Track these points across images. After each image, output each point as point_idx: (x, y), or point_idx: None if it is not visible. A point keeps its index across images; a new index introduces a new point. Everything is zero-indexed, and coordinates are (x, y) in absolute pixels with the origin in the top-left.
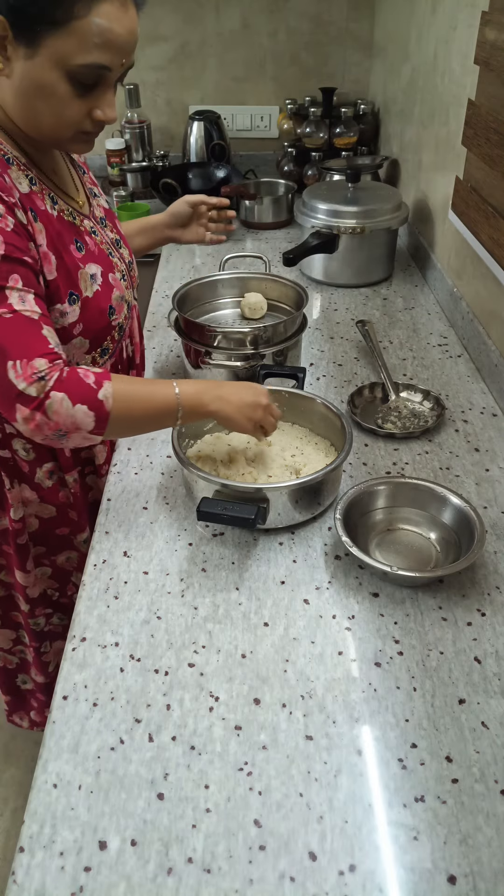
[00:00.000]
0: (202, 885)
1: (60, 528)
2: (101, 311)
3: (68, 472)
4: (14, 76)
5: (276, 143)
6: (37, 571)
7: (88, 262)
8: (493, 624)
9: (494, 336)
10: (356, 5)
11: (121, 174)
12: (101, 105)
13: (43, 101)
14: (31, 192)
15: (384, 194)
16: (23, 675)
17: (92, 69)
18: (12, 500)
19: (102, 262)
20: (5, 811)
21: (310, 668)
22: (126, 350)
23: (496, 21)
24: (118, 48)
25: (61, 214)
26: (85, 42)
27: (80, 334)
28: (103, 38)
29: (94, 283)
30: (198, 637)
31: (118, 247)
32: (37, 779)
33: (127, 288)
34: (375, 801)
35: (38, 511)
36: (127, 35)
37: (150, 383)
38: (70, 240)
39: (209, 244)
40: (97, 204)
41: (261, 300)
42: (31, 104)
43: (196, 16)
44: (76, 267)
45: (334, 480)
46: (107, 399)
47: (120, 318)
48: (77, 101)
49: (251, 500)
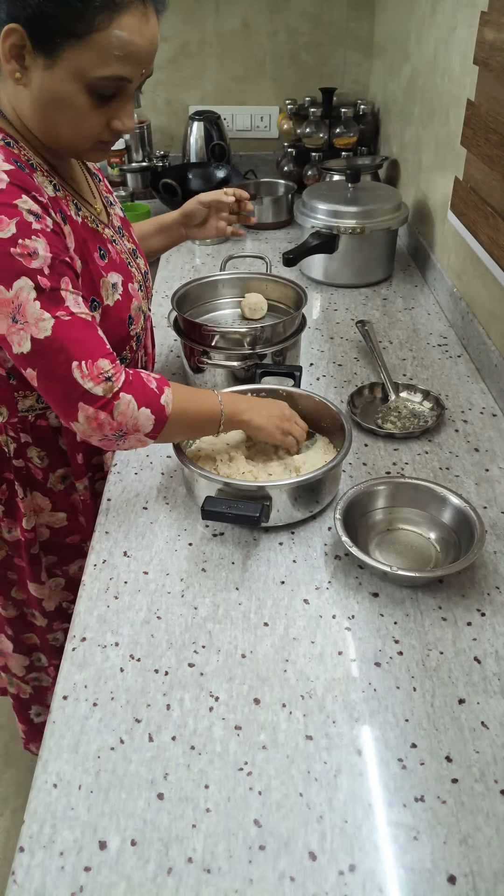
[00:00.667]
0: (202, 885)
1: (71, 536)
2: (121, 320)
3: (79, 479)
4: (32, 87)
5: (276, 143)
6: (51, 583)
7: (111, 271)
8: (493, 624)
9: (494, 336)
10: (356, 5)
11: (121, 174)
12: (120, 115)
13: (61, 112)
14: (56, 196)
15: (384, 194)
16: (37, 706)
17: (112, 81)
18: (25, 510)
19: (123, 272)
20: (5, 811)
21: (310, 668)
22: (140, 361)
23: (495, 21)
24: (138, 59)
25: (85, 221)
26: (105, 55)
27: None
28: (124, 51)
29: (115, 292)
30: (198, 637)
31: (135, 257)
32: (37, 779)
33: (144, 299)
34: (375, 800)
35: (49, 521)
36: (148, 46)
37: (198, 392)
38: (94, 247)
39: (230, 236)
40: (114, 213)
41: (261, 300)
42: (49, 115)
43: (196, 16)
44: (99, 275)
45: (334, 479)
46: (167, 404)
47: (137, 329)
48: (96, 113)
49: (253, 498)
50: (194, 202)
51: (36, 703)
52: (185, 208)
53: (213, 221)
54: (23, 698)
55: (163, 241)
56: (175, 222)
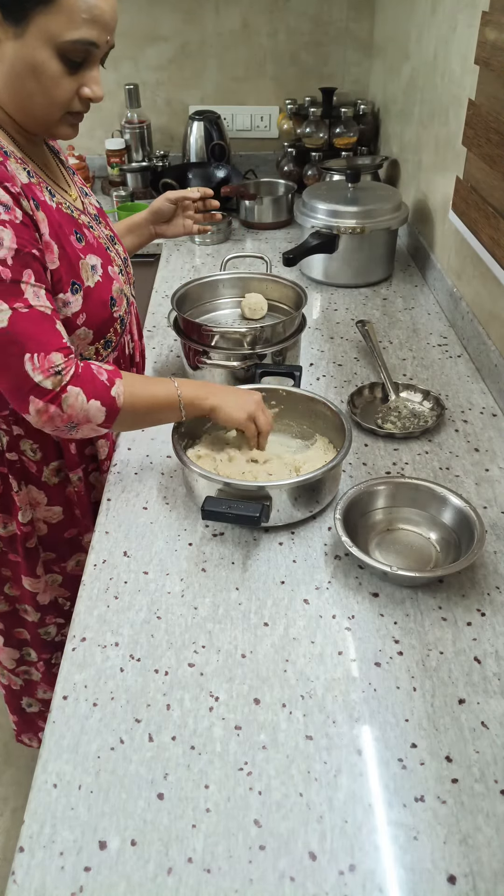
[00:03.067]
0: (202, 885)
1: (68, 530)
2: (102, 301)
3: (73, 471)
4: (4, 59)
5: (276, 143)
6: (47, 578)
7: (88, 254)
8: (493, 624)
9: (494, 336)
10: (356, 5)
11: (121, 174)
12: (89, 82)
13: (34, 80)
14: (31, 183)
15: (384, 194)
16: (28, 697)
17: (81, 45)
18: (20, 503)
19: (101, 255)
20: (5, 811)
21: (310, 668)
22: (127, 347)
23: (496, 21)
24: (104, 24)
25: (59, 206)
26: (73, 18)
27: (84, 325)
28: (91, 14)
29: (94, 273)
30: (198, 637)
31: (113, 243)
32: (37, 779)
33: (125, 283)
34: (375, 800)
35: (45, 516)
36: (111, 11)
37: (153, 381)
38: (70, 230)
39: (196, 234)
40: (89, 202)
41: (261, 300)
42: (22, 85)
43: (196, 16)
44: (77, 257)
45: (334, 479)
46: (118, 396)
47: (121, 311)
48: (67, 80)
49: (254, 498)
50: (162, 199)
51: (26, 695)
52: (153, 206)
53: (179, 219)
54: (14, 689)
55: (133, 240)
56: (144, 220)
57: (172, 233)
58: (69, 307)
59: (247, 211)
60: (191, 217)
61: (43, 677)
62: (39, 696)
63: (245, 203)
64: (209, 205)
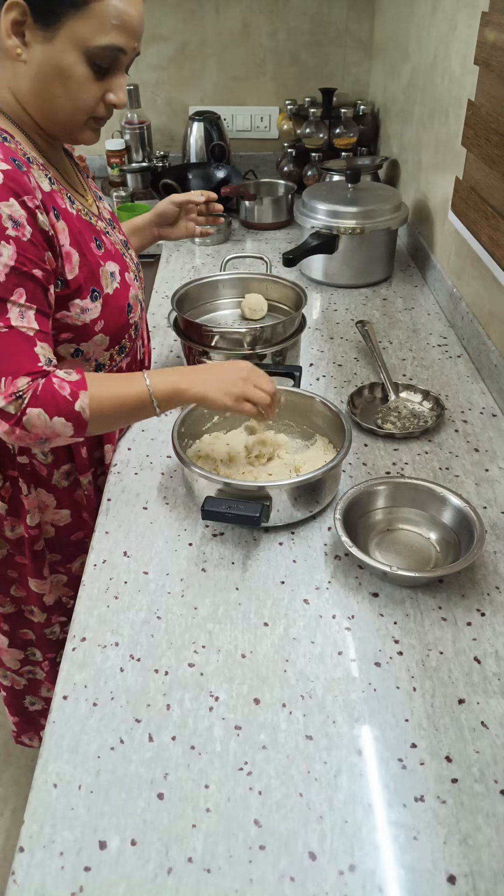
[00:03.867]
0: (202, 885)
1: (75, 532)
2: (120, 308)
3: (83, 474)
4: (32, 62)
5: (275, 143)
6: (52, 578)
7: (108, 261)
8: (493, 624)
9: (494, 336)
10: (356, 5)
11: (121, 175)
12: (115, 88)
13: (61, 84)
14: (52, 190)
15: (384, 195)
16: (31, 696)
17: (109, 51)
18: (29, 506)
19: (119, 261)
20: (5, 811)
21: (310, 668)
22: (139, 352)
23: (496, 21)
24: (131, 31)
25: (79, 213)
26: (103, 23)
27: (101, 331)
28: (121, 20)
29: (113, 280)
30: (198, 637)
31: (127, 248)
32: (37, 779)
33: (139, 288)
34: (375, 800)
35: (53, 519)
36: (139, 19)
37: (122, 380)
38: (90, 238)
39: (199, 237)
40: (102, 206)
41: (261, 301)
42: (48, 89)
43: (196, 16)
44: (97, 264)
45: (334, 479)
46: (83, 410)
47: (136, 317)
48: (93, 85)
49: (254, 498)
50: (166, 202)
51: (30, 694)
52: (157, 209)
53: (183, 222)
54: (17, 689)
55: (137, 242)
56: (148, 223)
57: (176, 235)
58: (87, 314)
59: (247, 211)
60: (194, 220)
61: (48, 676)
62: (43, 695)
63: (245, 203)
64: (213, 208)
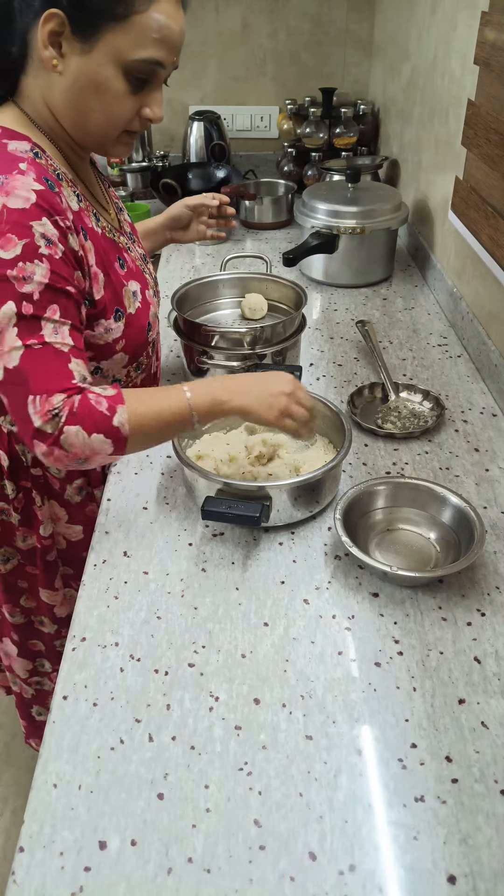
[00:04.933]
0: (202, 885)
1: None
2: (141, 327)
3: (97, 487)
4: (68, 73)
5: (275, 143)
6: (65, 591)
7: (130, 280)
8: (493, 624)
9: (494, 336)
10: (356, 5)
11: (121, 174)
12: (151, 103)
13: (97, 97)
14: (80, 209)
15: (384, 194)
16: (38, 706)
17: (148, 64)
18: (42, 517)
19: (139, 279)
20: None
21: (310, 668)
22: (153, 367)
23: (496, 21)
24: (171, 45)
25: (104, 231)
26: (143, 37)
27: (122, 350)
28: (161, 34)
29: (135, 300)
30: (198, 637)
31: (146, 262)
32: (37, 779)
33: (157, 305)
34: (375, 801)
35: (65, 532)
36: (180, 33)
37: (161, 394)
38: (114, 258)
39: (211, 240)
40: (123, 218)
41: (261, 301)
42: (83, 101)
43: (196, 16)
44: (121, 284)
45: (334, 479)
46: (122, 425)
47: (154, 334)
48: (129, 99)
49: (254, 498)
50: (180, 206)
51: (37, 704)
52: (170, 212)
53: (195, 225)
54: (25, 697)
55: (148, 245)
56: (161, 226)
57: (188, 238)
58: (110, 333)
59: (247, 211)
60: (205, 223)
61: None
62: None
63: (245, 203)
64: (224, 211)
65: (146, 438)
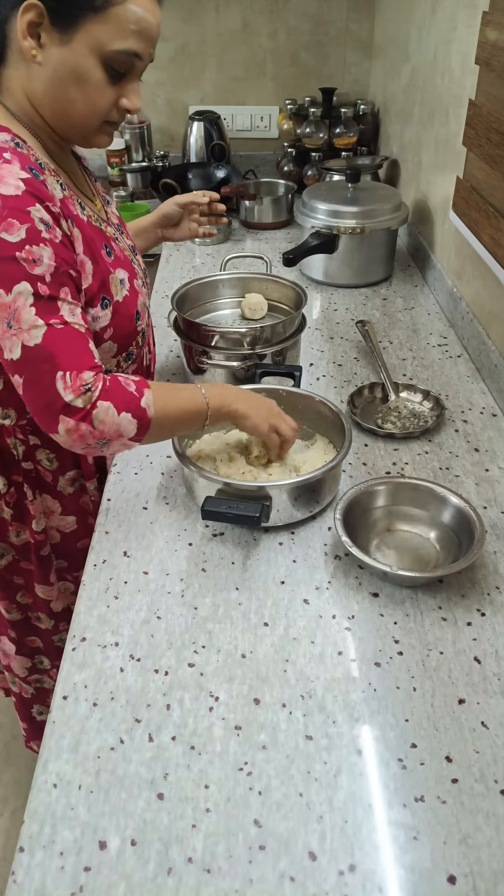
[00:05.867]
0: (202, 885)
1: (81, 539)
2: (129, 316)
3: (89, 480)
4: (47, 64)
5: (275, 143)
6: (59, 585)
7: (118, 268)
8: (493, 624)
9: (494, 336)
10: (356, 5)
11: (121, 174)
12: (128, 94)
13: (76, 87)
14: (65, 197)
15: (384, 194)
16: (39, 705)
17: (126, 55)
18: (34, 512)
19: (128, 268)
20: (5, 811)
21: (310, 668)
22: (145, 358)
23: (496, 21)
24: (148, 37)
25: (90, 220)
26: (122, 28)
27: (111, 339)
28: (139, 26)
29: (123, 288)
30: (198, 637)
31: (134, 253)
32: (37, 779)
33: (147, 295)
34: (375, 801)
35: (59, 525)
36: (157, 25)
37: (179, 388)
38: (101, 245)
39: (202, 237)
40: (110, 211)
41: (261, 301)
42: (63, 92)
43: (196, 16)
44: (108, 272)
45: (334, 479)
46: (149, 407)
47: (143, 324)
48: (109, 89)
49: (254, 498)
50: (171, 203)
51: (38, 703)
52: (161, 210)
53: (186, 223)
54: (25, 697)
55: (140, 243)
56: (152, 224)
57: (179, 236)
58: (98, 321)
59: (247, 211)
60: (197, 220)
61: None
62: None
63: (245, 203)
64: (215, 208)
65: (162, 428)
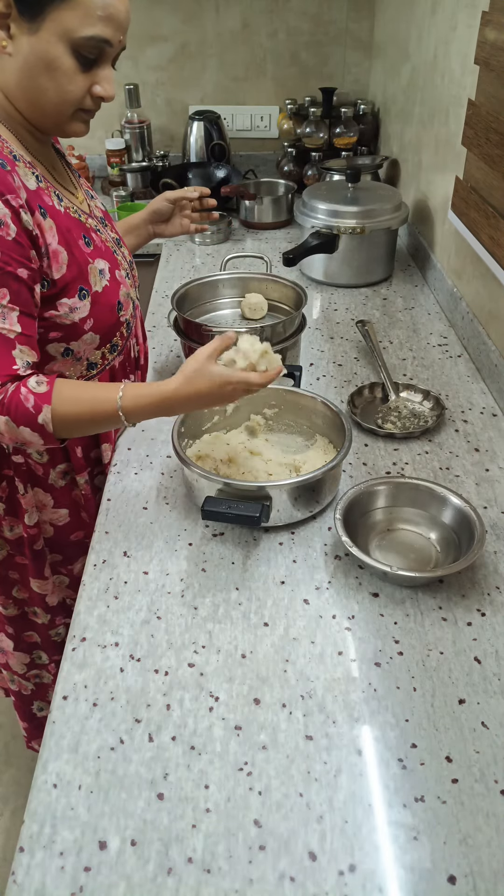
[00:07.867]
0: (202, 885)
1: (75, 532)
2: (110, 306)
3: (79, 473)
4: (18, 54)
5: (275, 143)
6: (54, 579)
7: (97, 258)
8: (493, 624)
9: (494, 336)
10: (356, 5)
11: (121, 174)
12: (101, 81)
13: (47, 76)
14: (39, 188)
15: (384, 194)
16: (39, 701)
17: (95, 42)
18: (26, 506)
19: (109, 259)
20: (5, 811)
21: (310, 668)
22: (133, 350)
23: (496, 21)
24: (117, 23)
25: (67, 211)
26: (89, 15)
27: (91, 329)
28: (106, 12)
29: (102, 278)
30: (198, 637)
31: (119, 246)
32: (37, 779)
33: (131, 286)
34: (375, 801)
35: (52, 518)
36: (125, 11)
37: (95, 390)
38: (78, 235)
39: (193, 233)
40: (94, 205)
41: (261, 300)
42: (34, 81)
43: (196, 16)
44: (86, 262)
45: (334, 479)
46: (46, 423)
47: (127, 315)
48: (80, 76)
49: (254, 498)
50: (161, 199)
51: (38, 699)
52: (151, 206)
53: (177, 219)
54: (24, 695)
55: (132, 240)
56: (143, 221)
57: (170, 232)
58: (76, 312)
59: (247, 211)
60: (188, 216)
61: (54, 679)
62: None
63: (245, 203)
64: (206, 204)
65: (75, 432)
